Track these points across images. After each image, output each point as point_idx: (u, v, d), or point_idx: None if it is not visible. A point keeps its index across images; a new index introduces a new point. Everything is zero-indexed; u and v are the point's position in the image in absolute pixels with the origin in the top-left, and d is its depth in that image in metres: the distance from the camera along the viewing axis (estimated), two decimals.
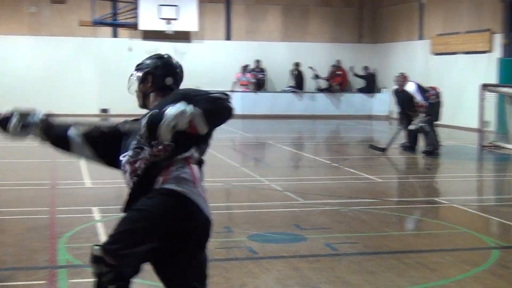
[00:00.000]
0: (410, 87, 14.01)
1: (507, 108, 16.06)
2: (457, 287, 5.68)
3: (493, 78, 19.36)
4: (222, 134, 15.88)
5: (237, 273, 5.95)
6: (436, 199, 9.78)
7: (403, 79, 14.32)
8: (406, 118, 14.13)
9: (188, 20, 24.38)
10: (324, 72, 25.83)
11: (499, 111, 16.70)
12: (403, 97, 14.18)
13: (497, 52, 19.62)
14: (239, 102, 24.16)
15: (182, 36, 24.75)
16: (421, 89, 14.31)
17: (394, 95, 14.83)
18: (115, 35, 24.68)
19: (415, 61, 24.19)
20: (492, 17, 20.07)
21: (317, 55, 26.29)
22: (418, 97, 13.97)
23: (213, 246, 6.74)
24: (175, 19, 24.06)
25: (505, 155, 14.98)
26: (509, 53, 19.06)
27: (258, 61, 25.57)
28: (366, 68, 25.84)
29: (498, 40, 19.55)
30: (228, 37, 25.96)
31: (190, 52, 24.61)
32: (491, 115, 16.79)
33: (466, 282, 5.80)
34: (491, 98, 16.65)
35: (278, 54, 26.06)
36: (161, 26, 23.96)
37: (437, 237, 7.55)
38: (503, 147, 15.71)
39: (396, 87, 14.57)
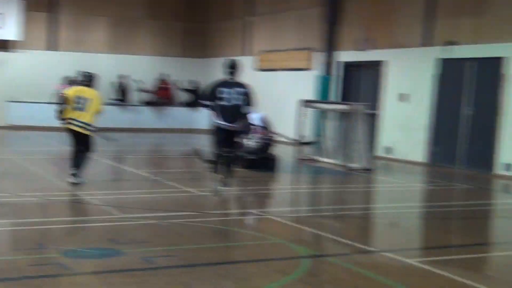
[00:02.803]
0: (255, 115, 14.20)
1: (323, 123, 16.81)
2: None
3: (312, 94, 20.22)
4: (39, 147, 15.42)
5: None
6: (253, 211, 10.03)
7: None
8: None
9: (11, 28, 23.51)
10: (150, 85, 25.77)
11: (315, 126, 17.44)
12: None
13: (317, 69, 20.51)
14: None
15: (4, 45, 23.79)
16: (264, 122, 15.09)
17: None
18: None
19: (241, 76, 24.68)
20: (314, 36, 20.95)
21: (143, 68, 26.19)
22: (257, 127, 14.64)
23: (25, 263, 6.53)
24: None
25: (320, 168, 15.65)
26: (327, 70, 19.98)
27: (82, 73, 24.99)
28: (192, 82, 26.06)
29: (318, 58, 20.43)
30: (54, 47, 25.23)
31: (12, 62, 23.71)
32: (308, 130, 17.51)
33: None
34: (309, 113, 17.36)
35: (104, 66, 25.65)
36: None
37: (252, 248, 7.73)
38: (318, 160, 16.43)
39: None
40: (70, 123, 11.37)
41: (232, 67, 11.41)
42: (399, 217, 10.15)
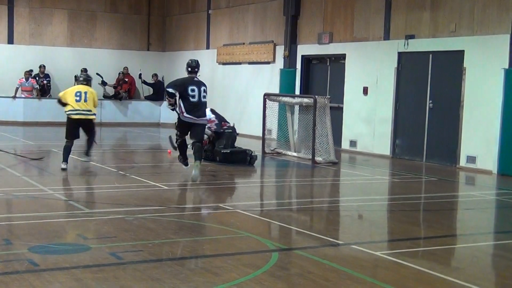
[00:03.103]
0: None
1: (287, 117, 16.85)
2: None
3: (275, 88, 20.26)
4: (1, 142, 15.19)
5: (17, 287, 5.69)
6: (221, 205, 10.02)
7: None
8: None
9: None
10: (112, 79, 25.55)
11: (280, 120, 17.48)
12: None
13: (280, 63, 20.55)
14: (21, 109, 23.27)
15: None
16: (218, 116, 15.22)
17: None
18: None
19: (202, 69, 24.61)
20: (275, 29, 21.00)
21: (104, 61, 25.97)
22: (213, 124, 14.73)
23: None
24: None
25: (285, 162, 15.71)
26: (290, 64, 20.04)
27: (42, 67, 24.71)
28: (154, 75, 25.93)
29: (281, 51, 20.48)
30: (10, 41, 24.85)
31: None
32: (273, 123, 17.54)
33: (247, 284, 5.98)
34: (273, 107, 17.39)
35: (64, 60, 25.40)
36: None
37: (220, 242, 7.73)
38: (284, 154, 16.48)
39: None
40: (75, 114, 12.96)
41: (197, 67, 12.52)
42: (366, 210, 10.24)
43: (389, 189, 12.74)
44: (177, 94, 12.02)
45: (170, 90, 12.15)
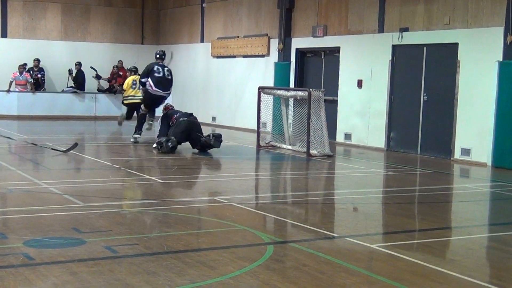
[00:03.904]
0: None
1: (282, 110, 16.85)
2: (234, 283, 5.85)
3: (270, 81, 20.25)
4: None
5: (12, 281, 5.68)
6: (216, 198, 10.02)
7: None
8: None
9: None
10: (106, 73, 25.50)
11: (274, 113, 17.48)
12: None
13: (274, 56, 20.53)
14: (15, 102, 23.22)
15: None
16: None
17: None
18: None
19: (196, 63, 24.65)
20: (269, 22, 20.98)
21: (98, 55, 25.91)
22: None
23: None
24: None
25: (280, 155, 15.71)
26: (284, 57, 20.02)
27: (36, 60, 24.65)
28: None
29: (275, 44, 20.46)
30: (4, 35, 24.77)
31: None
32: (267, 117, 17.54)
33: (243, 277, 5.99)
34: (268, 100, 17.38)
35: (58, 54, 25.34)
36: None
37: (215, 235, 7.73)
38: (279, 147, 16.48)
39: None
40: (130, 99, 17.50)
41: (163, 55, 16.39)
42: (361, 202, 10.25)
43: (384, 182, 12.76)
44: (148, 80, 15.65)
45: (143, 80, 15.86)
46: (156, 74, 15.58)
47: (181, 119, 15.24)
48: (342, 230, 8.27)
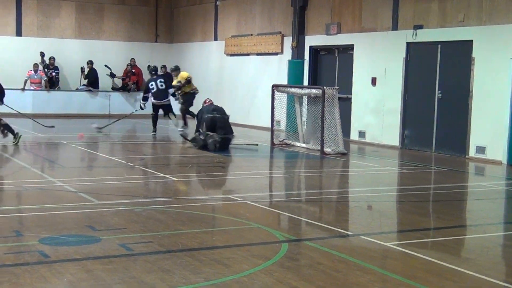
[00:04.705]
0: None
1: (295, 108, 16.83)
2: (248, 281, 5.85)
3: (284, 79, 20.23)
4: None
5: (28, 279, 5.72)
6: (230, 196, 10.03)
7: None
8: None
9: None
10: (120, 71, 25.57)
11: (288, 111, 17.46)
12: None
13: (288, 54, 20.51)
14: (30, 101, 23.32)
15: None
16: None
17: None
18: None
19: (210, 61, 24.67)
20: (283, 20, 20.96)
21: (112, 53, 25.98)
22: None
23: (2, 251, 6.47)
24: None
25: (294, 153, 15.70)
26: (298, 55, 20.00)
27: (52, 58, 24.76)
28: (163, 67, 25.91)
29: (289, 42, 20.43)
30: (18, 33, 24.90)
31: None
32: (281, 115, 17.52)
33: (257, 275, 6.00)
34: (282, 98, 17.37)
35: (72, 52, 25.43)
36: None
37: (230, 233, 7.73)
38: (292, 145, 16.47)
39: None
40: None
41: (153, 70, 19.34)
42: (375, 200, 10.22)
43: (398, 180, 12.72)
44: (149, 95, 18.65)
45: (145, 95, 18.83)
46: (152, 90, 18.51)
47: (205, 115, 15.36)
48: (356, 228, 8.25)
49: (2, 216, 8.10)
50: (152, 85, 18.50)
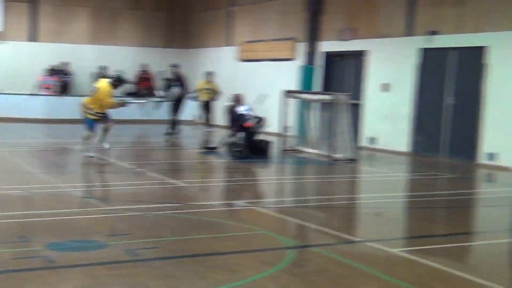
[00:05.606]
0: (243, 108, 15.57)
1: (306, 114, 16.80)
2: (255, 287, 5.84)
3: (296, 85, 20.20)
4: (21, 139, 15.33)
5: (34, 284, 5.73)
6: (237, 202, 10.03)
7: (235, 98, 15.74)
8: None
9: None
10: (133, 76, 25.61)
11: (299, 116, 17.42)
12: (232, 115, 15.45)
13: (300, 59, 20.48)
14: (43, 106, 23.39)
15: None
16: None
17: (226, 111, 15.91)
18: None
19: (223, 66, 24.66)
20: (296, 26, 20.92)
21: (125, 59, 26.04)
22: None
23: (8, 257, 6.48)
24: None
25: (304, 159, 15.67)
26: (310, 60, 19.96)
27: (65, 64, 24.86)
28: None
29: (301, 48, 20.40)
30: (34, 38, 25.04)
31: None
32: (292, 120, 17.49)
33: (264, 281, 5.98)
34: (293, 104, 17.35)
35: (86, 57, 25.52)
36: None
37: (237, 239, 7.71)
38: (302, 151, 16.43)
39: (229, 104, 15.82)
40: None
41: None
42: (384, 207, 10.17)
43: (408, 186, 12.67)
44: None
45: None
46: None
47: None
48: (364, 235, 8.22)
49: (9, 221, 8.12)
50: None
